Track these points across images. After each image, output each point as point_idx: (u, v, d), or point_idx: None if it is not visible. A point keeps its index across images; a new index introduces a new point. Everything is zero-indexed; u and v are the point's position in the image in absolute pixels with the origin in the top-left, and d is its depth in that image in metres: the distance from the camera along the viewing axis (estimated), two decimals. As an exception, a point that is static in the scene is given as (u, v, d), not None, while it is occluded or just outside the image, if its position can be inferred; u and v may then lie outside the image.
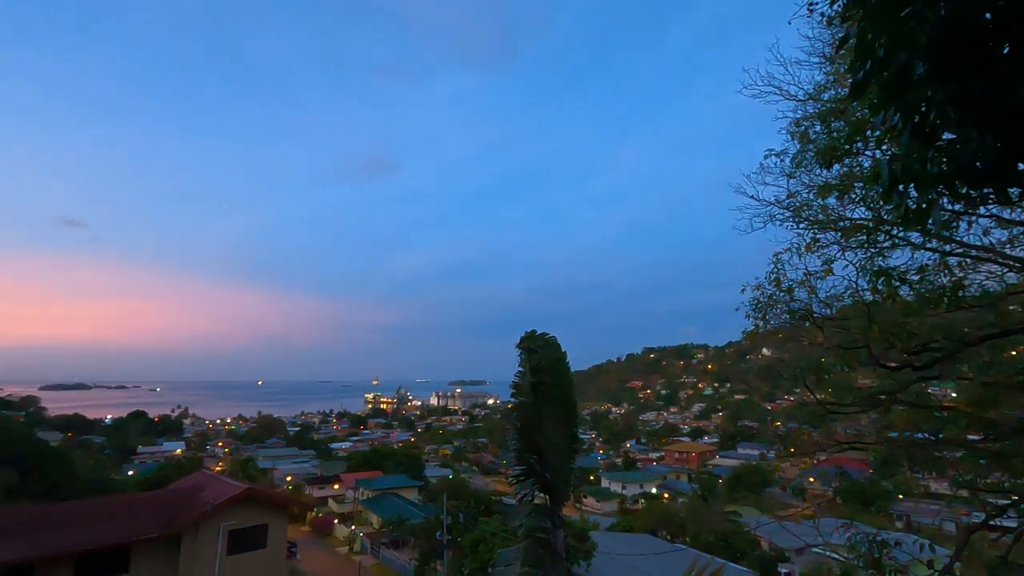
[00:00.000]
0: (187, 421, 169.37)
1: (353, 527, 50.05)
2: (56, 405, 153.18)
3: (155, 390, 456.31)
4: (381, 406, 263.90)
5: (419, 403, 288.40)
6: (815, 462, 72.26)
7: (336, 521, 53.38)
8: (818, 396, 8.86)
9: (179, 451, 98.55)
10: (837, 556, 9.86)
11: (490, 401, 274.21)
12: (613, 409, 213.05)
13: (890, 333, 7.39)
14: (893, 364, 7.81)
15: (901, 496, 59.28)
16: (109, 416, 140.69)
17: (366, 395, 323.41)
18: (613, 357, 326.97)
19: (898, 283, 6.57)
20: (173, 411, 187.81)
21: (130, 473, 64.38)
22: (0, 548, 18.42)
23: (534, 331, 6.89)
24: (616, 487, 77.62)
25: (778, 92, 8.25)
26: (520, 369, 6.69)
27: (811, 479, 72.60)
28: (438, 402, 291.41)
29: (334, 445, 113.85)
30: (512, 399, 6.85)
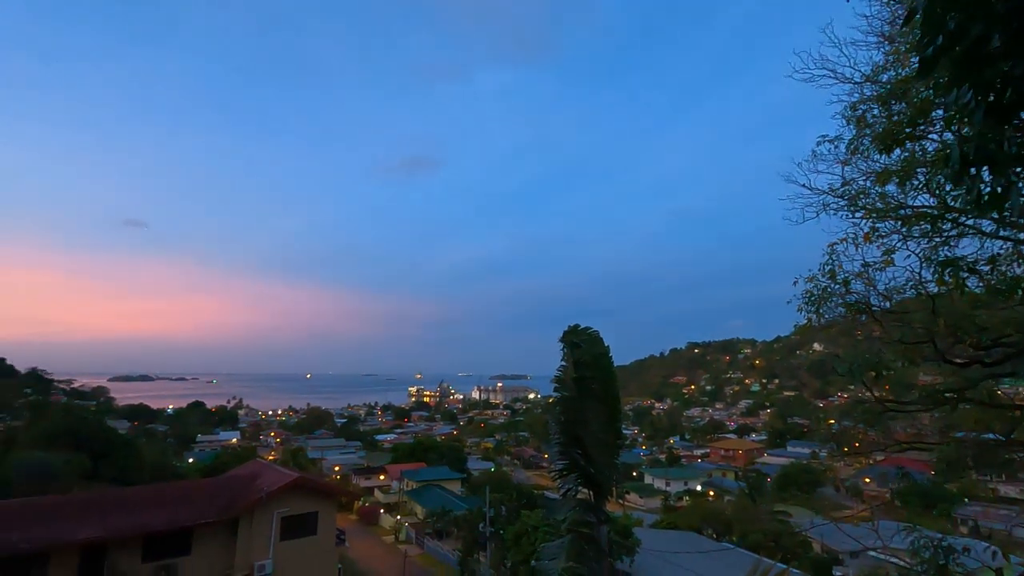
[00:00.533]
0: (241, 412, 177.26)
1: (398, 517, 51.27)
2: (123, 395, 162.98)
3: (212, 382, 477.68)
4: (424, 399, 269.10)
5: (461, 397, 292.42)
6: (871, 462, 69.32)
7: (382, 511, 54.83)
8: (875, 393, 8.46)
9: (234, 440, 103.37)
10: (897, 560, 9.38)
11: (531, 395, 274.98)
12: (656, 405, 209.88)
13: (957, 327, 6.98)
14: (960, 360, 7.37)
15: (967, 500, 56.07)
16: (171, 406, 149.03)
17: (409, 388, 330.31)
18: (656, 352, 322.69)
19: (966, 274, 6.17)
20: (229, 402, 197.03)
21: (190, 460, 68.05)
22: (76, 529, 19.82)
23: (577, 325, 6.83)
24: (660, 483, 76.53)
25: (832, 75, 7.87)
26: (563, 363, 6.65)
27: (867, 479, 69.58)
28: (480, 396, 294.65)
29: (379, 437, 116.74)
30: (554, 393, 6.82)
